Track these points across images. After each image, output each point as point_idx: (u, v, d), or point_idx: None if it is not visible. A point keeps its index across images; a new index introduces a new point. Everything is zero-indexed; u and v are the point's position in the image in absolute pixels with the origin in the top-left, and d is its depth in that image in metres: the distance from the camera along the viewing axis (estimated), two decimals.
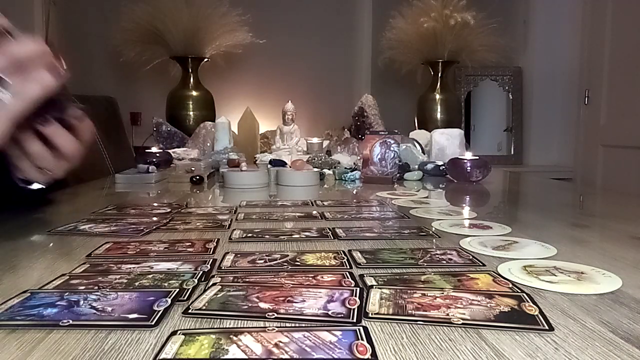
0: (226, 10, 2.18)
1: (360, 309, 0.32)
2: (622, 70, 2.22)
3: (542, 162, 2.67)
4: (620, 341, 0.29)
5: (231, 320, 0.31)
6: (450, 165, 1.19)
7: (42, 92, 0.44)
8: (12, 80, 0.42)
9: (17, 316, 0.32)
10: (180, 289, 0.36)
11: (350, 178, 1.17)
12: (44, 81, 0.44)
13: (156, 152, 1.45)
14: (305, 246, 0.52)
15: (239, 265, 0.44)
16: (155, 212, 0.74)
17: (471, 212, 0.77)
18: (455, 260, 0.46)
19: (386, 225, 0.65)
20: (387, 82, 2.60)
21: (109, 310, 0.32)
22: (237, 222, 0.65)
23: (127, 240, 0.54)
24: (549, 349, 0.27)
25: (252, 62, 2.52)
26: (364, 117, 1.88)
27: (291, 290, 0.36)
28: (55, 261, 0.46)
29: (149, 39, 2.16)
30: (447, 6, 2.17)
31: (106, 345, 0.28)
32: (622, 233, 0.61)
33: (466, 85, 2.73)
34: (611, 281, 0.39)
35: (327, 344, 0.27)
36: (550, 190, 1.23)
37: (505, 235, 0.57)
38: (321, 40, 2.72)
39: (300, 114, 1.68)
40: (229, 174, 1.08)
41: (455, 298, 0.35)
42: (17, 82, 0.42)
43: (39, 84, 0.44)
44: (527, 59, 2.71)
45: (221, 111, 2.31)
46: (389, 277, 0.40)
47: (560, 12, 2.64)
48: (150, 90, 2.50)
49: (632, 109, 2.15)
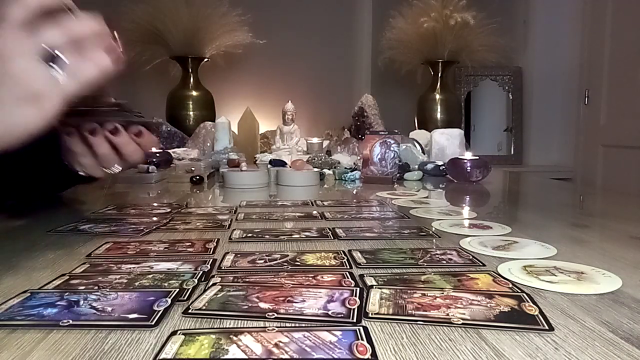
0: (226, 10, 2.18)
1: (360, 309, 0.32)
2: (622, 70, 2.22)
3: (542, 162, 2.66)
4: (620, 341, 0.29)
5: (231, 320, 0.31)
6: (450, 165, 1.19)
7: (98, 74, 0.42)
8: (69, 59, 0.40)
9: (17, 316, 0.32)
10: (180, 289, 0.36)
11: (350, 178, 1.17)
12: (101, 63, 0.42)
13: (156, 152, 1.45)
14: (305, 246, 0.52)
15: (239, 265, 0.44)
16: (155, 212, 0.74)
17: (471, 212, 0.77)
18: (455, 260, 0.46)
19: (386, 225, 0.65)
20: (387, 82, 2.60)
21: (109, 310, 0.32)
22: (237, 222, 0.65)
23: (127, 240, 0.54)
24: (549, 349, 0.27)
25: (252, 62, 2.52)
26: (364, 117, 1.88)
27: (291, 290, 0.36)
28: (55, 261, 0.46)
29: (149, 39, 2.15)
30: (447, 6, 2.17)
31: (106, 345, 0.28)
32: (622, 233, 0.61)
33: (466, 85, 2.73)
34: (611, 281, 0.39)
35: (327, 344, 0.27)
36: (550, 190, 1.23)
37: (505, 235, 0.57)
38: (321, 40, 2.72)
39: (300, 114, 1.68)
40: (229, 174, 1.08)
41: (455, 298, 0.35)
42: (74, 61, 0.40)
43: (96, 66, 0.42)
44: (527, 59, 2.71)
45: (221, 111, 2.31)
46: (389, 277, 0.40)
47: (560, 12, 2.64)
48: (150, 90, 2.50)
49: (632, 109, 2.15)
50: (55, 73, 0.39)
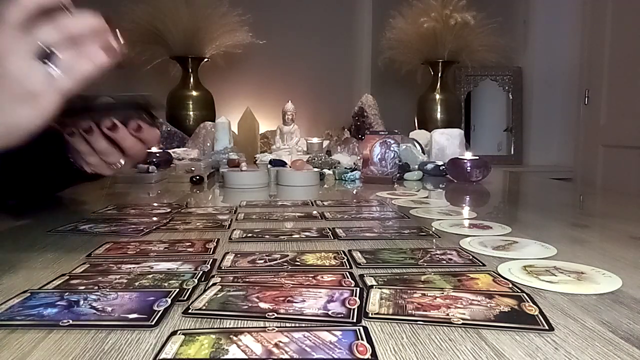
0: (226, 10, 2.18)
1: (360, 309, 0.32)
2: (622, 70, 2.22)
3: (542, 162, 2.66)
4: (620, 341, 0.29)
5: (231, 320, 0.31)
6: (450, 165, 1.19)
7: (94, 70, 0.42)
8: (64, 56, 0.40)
9: (17, 316, 0.32)
10: (180, 289, 0.36)
11: (350, 178, 1.17)
12: (97, 59, 0.42)
13: (156, 152, 1.45)
14: (305, 246, 0.52)
15: (239, 265, 0.44)
16: (155, 212, 0.74)
17: (471, 212, 0.77)
18: (455, 260, 0.46)
19: (386, 225, 0.65)
20: (387, 82, 2.60)
21: (109, 310, 0.32)
22: (237, 222, 0.65)
23: (127, 240, 0.54)
24: (549, 349, 0.27)
25: (252, 62, 2.52)
26: (364, 117, 1.88)
27: (291, 290, 0.36)
28: (55, 261, 0.46)
29: (149, 39, 2.15)
30: (447, 6, 2.17)
31: (106, 345, 0.28)
32: (622, 233, 0.61)
33: (466, 85, 2.73)
34: (611, 281, 0.39)
35: (327, 344, 0.27)
36: (550, 190, 1.23)
37: (505, 235, 0.57)
38: (321, 40, 2.72)
39: (300, 114, 1.68)
40: (229, 174, 1.08)
41: (455, 298, 0.35)
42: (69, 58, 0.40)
43: (91, 62, 0.42)
44: (527, 59, 2.71)
45: (221, 111, 2.31)
46: (389, 277, 0.40)
47: (560, 12, 2.64)
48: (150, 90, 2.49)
49: (632, 109, 2.15)
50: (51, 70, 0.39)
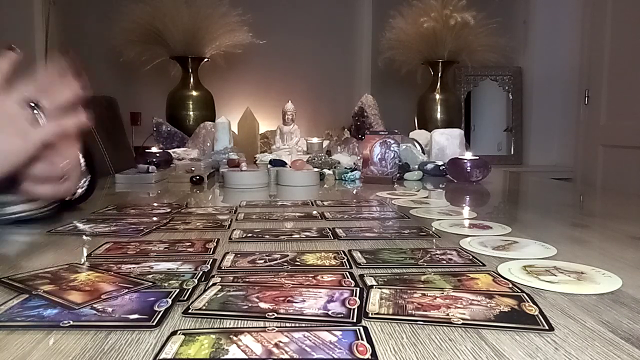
0: (226, 10, 2.18)
1: (360, 309, 0.32)
2: (622, 70, 2.22)
3: (542, 162, 2.66)
4: (620, 341, 0.29)
5: (231, 320, 0.31)
6: (450, 165, 1.19)
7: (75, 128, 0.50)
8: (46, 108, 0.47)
9: (17, 317, 0.32)
10: (180, 289, 0.36)
11: (350, 178, 1.17)
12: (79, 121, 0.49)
13: (156, 152, 1.45)
14: (305, 246, 0.52)
15: (239, 265, 0.44)
16: (155, 212, 0.74)
17: (471, 212, 0.77)
18: (455, 260, 0.46)
19: (386, 225, 0.65)
20: (387, 82, 2.60)
21: (110, 311, 0.32)
22: (237, 222, 0.65)
23: (127, 240, 0.54)
24: (549, 349, 0.27)
25: (252, 62, 2.52)
26: (364, 117, 1.88)
27: (291, 290, 0.36)
28: (55, 261, 0.46)
29: (149, 39, 2.15)
30: (447, 6, 2.17)
31: (106, 345, 0.28)
32: (622, 233, 0.61)
33: (466, 85, 2.73)
34: (611, 281, 0.39)
35: (327, 344, 0.27)
36: (550, 190, 1.23)
37: (505, 235, 0.57)
38: (321, 40, 2.72)
39: (300, 114, 1.68)
40: (229, 174, 1.08)
41: (455, 298, 0.35)
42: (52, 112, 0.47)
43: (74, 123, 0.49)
44: (527, 59, 2.71)
45: (221, 111, 2.31)
46: (389, 277, 0.40)
47: (560, 12, 2.64)
48: (150, 90, 2.50)
49: (632, 109, 2.15)
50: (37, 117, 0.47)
